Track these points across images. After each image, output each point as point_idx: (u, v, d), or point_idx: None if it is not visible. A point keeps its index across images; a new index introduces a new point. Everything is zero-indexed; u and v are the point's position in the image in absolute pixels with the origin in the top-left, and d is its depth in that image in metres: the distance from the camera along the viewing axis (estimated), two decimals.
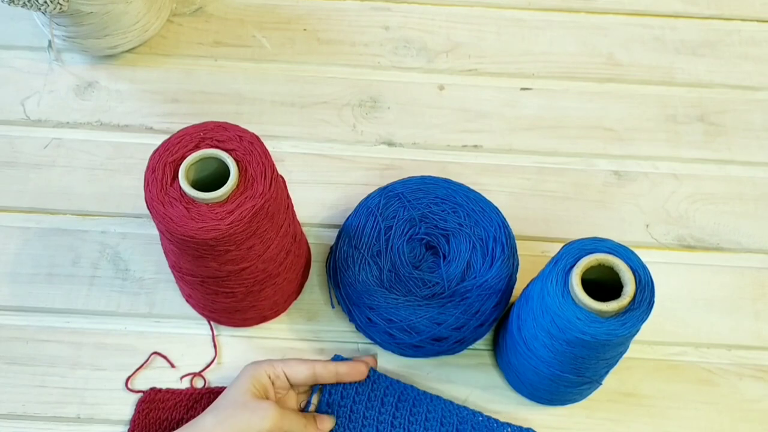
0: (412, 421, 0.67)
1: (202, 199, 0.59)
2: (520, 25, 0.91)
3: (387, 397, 0.68)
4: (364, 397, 0.67)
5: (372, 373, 0.69)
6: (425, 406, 0.68)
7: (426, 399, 0.69)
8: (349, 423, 0.67)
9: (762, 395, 0.73)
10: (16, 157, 0.82)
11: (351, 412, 0.67)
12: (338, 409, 0.67)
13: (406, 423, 0.67)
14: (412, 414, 0.67)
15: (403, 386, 0.69)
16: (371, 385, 0.68)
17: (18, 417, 0.70)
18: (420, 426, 0.67)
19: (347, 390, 0.68)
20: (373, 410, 0.67)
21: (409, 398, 0.68)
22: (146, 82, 0.86)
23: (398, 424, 0.67)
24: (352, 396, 0.67)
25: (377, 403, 0.67)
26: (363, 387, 0.68)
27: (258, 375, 0.65)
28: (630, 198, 0.82)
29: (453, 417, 0.68)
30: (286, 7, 0.91)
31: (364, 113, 0.85)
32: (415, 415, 0.67)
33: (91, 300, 0.75)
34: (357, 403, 0.67)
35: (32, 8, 0.76)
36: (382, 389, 0.68)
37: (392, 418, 0.67)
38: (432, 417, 0.67)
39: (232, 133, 0.62)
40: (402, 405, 0.68)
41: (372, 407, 0.67)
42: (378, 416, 0.67)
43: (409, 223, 0.73)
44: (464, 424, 0.68)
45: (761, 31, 0.92)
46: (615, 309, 0.58)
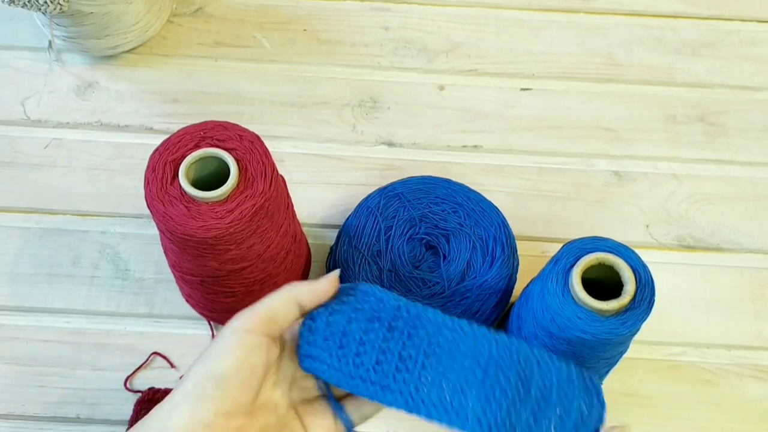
0: (429, 353, 0.49)
1: (203, 198, 0.59)
2: (520, 25, 0.92)
3: (397, 321, 0.50)
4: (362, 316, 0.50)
5: (373, 291, 0.51)
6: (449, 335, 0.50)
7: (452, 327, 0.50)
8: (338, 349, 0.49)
9: (762, 395, 0.73)
10: (16, 157, 0.82)
11: (343, 335, 0.49)
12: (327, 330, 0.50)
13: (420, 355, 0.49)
14: (429, 344, 0.49)
15: (419, 311, 0.51)
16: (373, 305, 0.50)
17: (18, 417, 0.70)
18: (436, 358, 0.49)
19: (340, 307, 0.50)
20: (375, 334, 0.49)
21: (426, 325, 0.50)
22: (146, 82, 0.86)
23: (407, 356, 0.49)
24: (348, 314, 0.50)
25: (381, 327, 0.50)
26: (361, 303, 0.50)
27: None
28: (630, 198, 0.82)
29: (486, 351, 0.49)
30: (286, 8, 0.91)
31: (364, 113, 0.85)
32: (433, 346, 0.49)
33: (91, 300, 0.75)
34: (352, 323, 0.50)
35: (32, 8, 0.76)
36: (390, 311, 0.50)
37: (401, 348, 0.49)
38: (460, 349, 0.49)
39: (232, 132, 0.62)
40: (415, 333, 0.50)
41: (373, 330, 0.50)
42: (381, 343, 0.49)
43: (409, 223, 0.73)
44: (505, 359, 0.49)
45: (761, 31, 0.92)
46: (615, 308, 0.58)
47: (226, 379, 0.45)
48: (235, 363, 0.45)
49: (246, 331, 0.46)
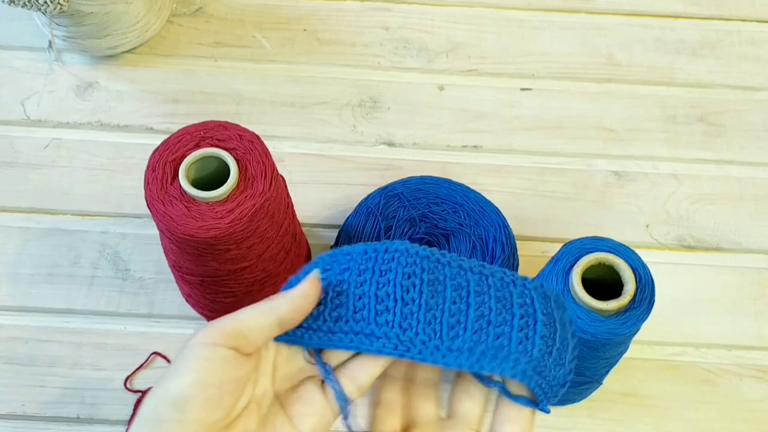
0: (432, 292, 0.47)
1: (203, 198, 0.59)
2: (520, 25, 0.92)
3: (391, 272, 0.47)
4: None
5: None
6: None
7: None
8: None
9: (762, 395, 0.73)
10: (16, 157, 0.82)
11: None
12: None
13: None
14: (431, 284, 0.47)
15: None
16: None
17: (18, 417, 0.70)
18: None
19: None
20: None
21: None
22: (146, 82, 0.86)
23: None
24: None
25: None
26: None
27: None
28: (630, 198, 0.82)
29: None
30: (286, 8, 0.91)
31: (364, 113, 0.85)
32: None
33: (91, 300, 0.75)
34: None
35: (32, 8, 0.76)
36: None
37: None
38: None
39: (232, 132, 0.62)
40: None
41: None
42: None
43: (409, 223, 0.73)
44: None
45: (761, 31, 0.92)
46: (615, 308, 0.58)
47: (186, 400, 0.39)
48: (196, 380, 0.39)
49: (207, 344, 0.41)
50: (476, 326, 0.45)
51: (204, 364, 0.40)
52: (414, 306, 0.46)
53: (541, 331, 0.45)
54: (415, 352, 0.45)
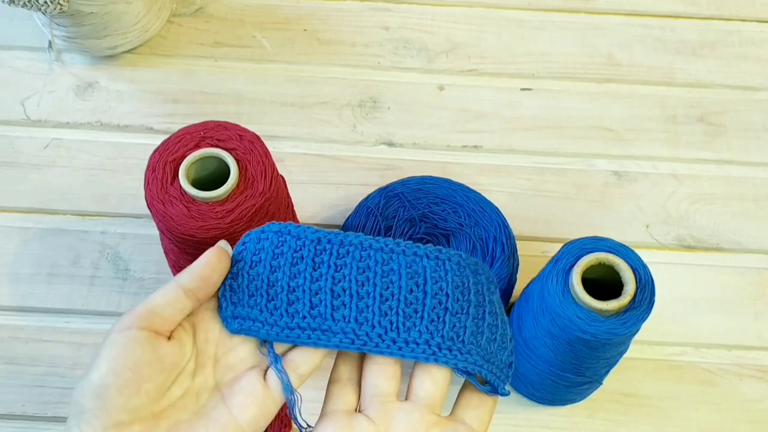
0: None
1: (203, 198, 0.59)
2: (520, 25, 0.92)
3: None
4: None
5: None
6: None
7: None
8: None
9: (762, 395, 0.73)
10: (16, 157, 0.82)
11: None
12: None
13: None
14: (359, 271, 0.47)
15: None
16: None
17: (18, 417, 0.70)
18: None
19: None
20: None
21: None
22: (146, 82, 0.86)
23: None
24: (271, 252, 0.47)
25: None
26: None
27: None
28: (630, 198, 0.82)
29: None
30: (286, 8, 0.91)
31: (364, 113, 0.85)
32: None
33: (91, 300, 0.75)
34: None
35: (32, 8, 0.76)
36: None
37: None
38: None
39: (232, 132, 0.62)
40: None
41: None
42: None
43: (409, 223, 0.73)
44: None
45: (761, 31, 0.92)
46: (615, 308, 0.58)
47: (104, 388, 0.40)
48: (111, 367, 0.40)
49: (121, 330, 0.41)
50: (433, 315, 0.46)
51: (118, 349, 0.40)
52: (369, 299, 0.46)
53: (488, 319, 0.46)
54: (372, 345, 0.45)
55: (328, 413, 0.45)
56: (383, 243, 0.47)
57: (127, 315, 0.43)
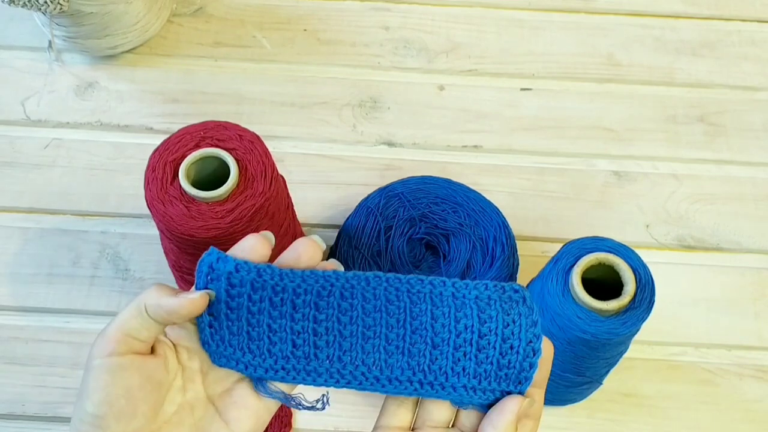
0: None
1: (203, 198, 0.59)
2: (520, 25, 0.92)
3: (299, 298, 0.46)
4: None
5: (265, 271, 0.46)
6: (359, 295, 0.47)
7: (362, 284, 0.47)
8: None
9: (762, 395, 0.73)
10: (16, 157, 0.82)
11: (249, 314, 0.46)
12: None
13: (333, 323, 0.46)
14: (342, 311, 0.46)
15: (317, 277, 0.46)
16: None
17: (18, 417, 0.70)
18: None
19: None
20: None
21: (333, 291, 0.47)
22: (146, 82, 0.86)
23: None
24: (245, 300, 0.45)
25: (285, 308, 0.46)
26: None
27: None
28: (630, 198, 0.82)
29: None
30: (286, 7, 0.91)
31: (364, 113, 0.85)
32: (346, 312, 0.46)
33: (91, 300, 0.75)
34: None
35: (32, 8, 0.76)
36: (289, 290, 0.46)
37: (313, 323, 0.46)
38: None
39: (232, 132, 0.62)
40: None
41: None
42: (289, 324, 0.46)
43: (409, 223, 0.73)
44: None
45: (761, 31, 0.92)
46: (615, 308, 0.58)
47: (101, 418, 0.40)
48: (102, 398, 0.40)
49: (101, 356, 0.41)
50: (414, 350, 0.46)
51: (105, 378, 0.40)
52: (352, 339, 0.46)
53: (478, 344, 0.45)
54: (356, 384, 0.46)
55: (383, 427, 0.46)
56: (365, 280, 0.47)
57: (102, 340, 0.42)
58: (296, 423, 0.70)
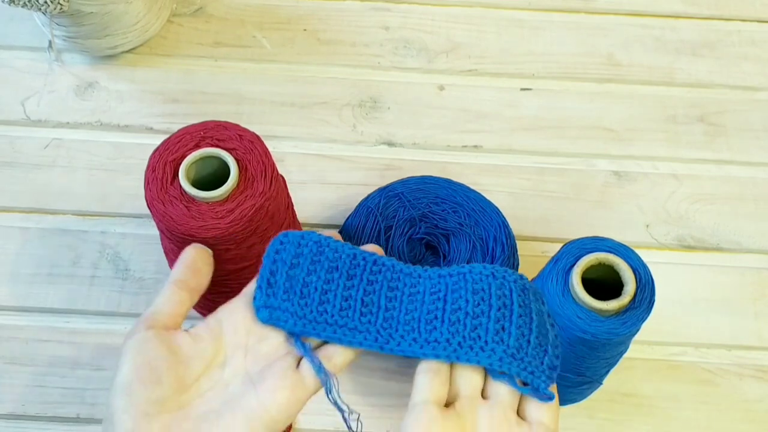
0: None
1: (203, 198, 0.59)
2: (520, 25, 0.92)
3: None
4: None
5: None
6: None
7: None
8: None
9: (762, 395, 0.73)
10: (16, 157, 0.82)
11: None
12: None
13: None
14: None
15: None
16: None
17: (18, 417, 0.70)
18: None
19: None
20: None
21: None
22: (146, 82, 0.86)
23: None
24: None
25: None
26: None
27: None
28: (630, 198, 0.82)
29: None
30: (286, 7, 0.91)
31: (364, 113, 0.85)
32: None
33: (91, 300, 0.75)
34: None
35: (32, 8, 0.76)
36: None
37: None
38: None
39: (232, 132, 0.62)
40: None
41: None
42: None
43: (409, 223, 0.73)
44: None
45: (761, 31, 0.92)
46: (615, 308, 0.58)
47: (128, 385, 0.44)
48: (130, 367, 0.45)
49: (131, 335, 0.46)
50: (453, 318, 0.48)
51: (133, 352, 0.45)
52: (395, 311, 0.50)
53: (517, 321, 0.48)
54: (394, 344, 0.49)
55: (420, 403, 0.46)
56: (412, 269, 0.51)
57: (134, 325, 0.47)
58: (297, 423, 0.70)
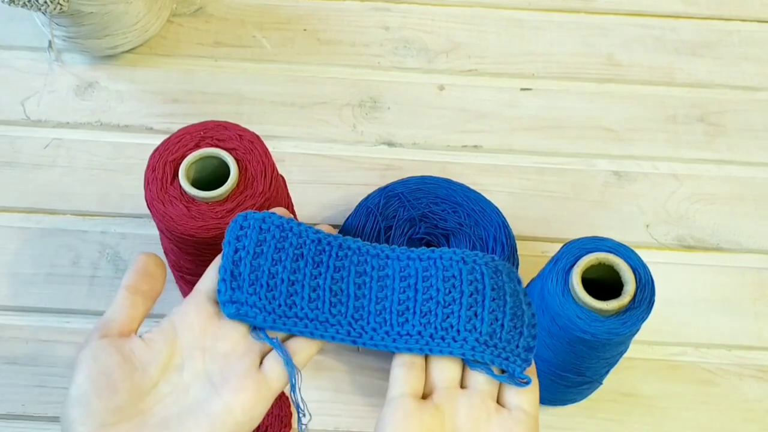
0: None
1: (203, 198, 0.59)
2: (520, 25, 0.92)
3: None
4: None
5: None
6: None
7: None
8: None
9: (762, 395, 0.73)
10: (16, 157, 0.82)
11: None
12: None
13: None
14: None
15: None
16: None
17: (18, 417, 0.70)
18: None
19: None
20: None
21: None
22: (146, 82, 0.86)
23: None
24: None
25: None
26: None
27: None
28: (630, 198, 0.82)
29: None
30: (286, 7, 0.91)
31: (364, 113, 0.85)
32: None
33: (91, 300, 0.75)
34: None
35: (32, 8, 0.76)
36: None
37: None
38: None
39: (232, 132, 0.62)
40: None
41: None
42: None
43: (409, 223, 0.73)
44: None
45: (761, 31, 0.92)
46: (615, 308, 0.58)
47: (83, 396, 0.42)
48: (85, 377, 0.43)
49: (85, 346, 0.44)
50: (425, 309, 0.47)
51: (87, 361, 0.43)
52: (365, 300, 0.48)
53: (490, 306, 0.47)
54: (367, 338, 0.48)
55: (396, 397, 0.45)
56: (379, 249, 0.50)
57: (88, 335, 0.45)
58: (296, 423, 0.70)
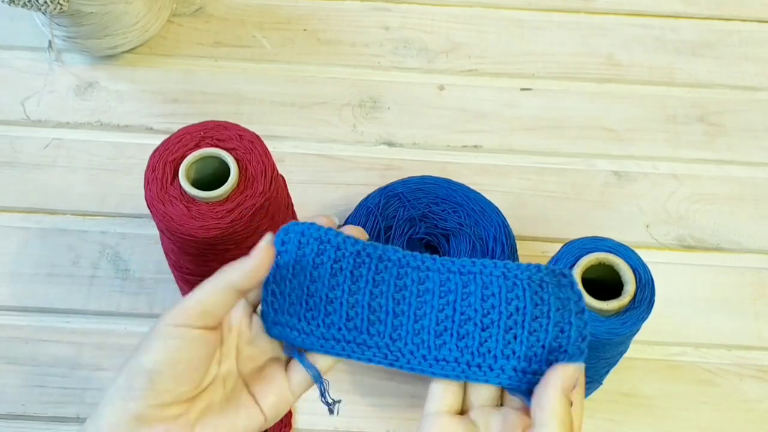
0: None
1: (203, 198, 0.59)
2: (520, 25, 0.92)
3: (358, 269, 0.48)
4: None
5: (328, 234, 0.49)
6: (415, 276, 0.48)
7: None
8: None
9: (762, 395, 0.73)
10: (16, 157, 0.82)
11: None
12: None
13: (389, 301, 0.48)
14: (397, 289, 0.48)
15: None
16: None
17: (18, 417, 0.70)
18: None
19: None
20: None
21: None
22: (146, 82, 0.86)
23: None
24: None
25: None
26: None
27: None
28: (630, 198, 0.82)
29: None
30: (286, 7, 0.91)
31: (364, 113, 0.85)
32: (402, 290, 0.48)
33: (91, 300, 0.75)
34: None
35: (32, 8, 0.76)
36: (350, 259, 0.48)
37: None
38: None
39: (232, 132, 0.62)
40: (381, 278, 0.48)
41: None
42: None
43: (409, 223, 0.73)
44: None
45: (761, 31, 0.92)
46: (615, 308, 0.58)
47: (157, 374, 0.43)
48: (167, 358, 0.43)
49: (176, 325, 0.44)
50: (462, 331, 0.46)
51: (175, 343, 0.43)
52: (404, 318, 0.47)
53: (530, 326, 0.45)
54: (404, 362, 0.47)
55: (433, 413, 0.46)
56: (420, 261, 0.48)
57: (181, 312, 0.44)
58: (296, 423, 0.70)
